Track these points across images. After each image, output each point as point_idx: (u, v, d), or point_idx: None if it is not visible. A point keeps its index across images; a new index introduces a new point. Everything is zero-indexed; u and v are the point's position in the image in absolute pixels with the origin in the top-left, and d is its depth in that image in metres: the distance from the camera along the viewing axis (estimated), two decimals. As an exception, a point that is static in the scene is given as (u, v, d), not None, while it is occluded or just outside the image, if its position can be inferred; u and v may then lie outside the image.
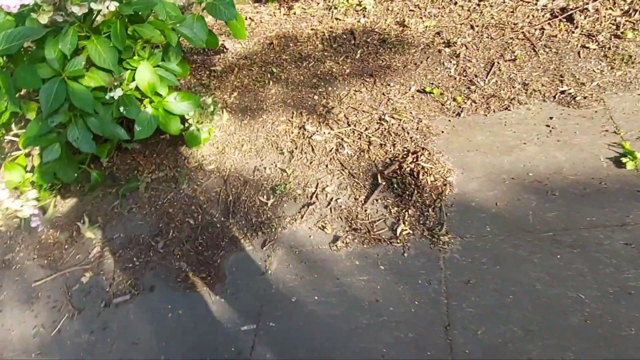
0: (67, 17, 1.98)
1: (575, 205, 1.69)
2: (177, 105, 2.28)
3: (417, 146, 2.10)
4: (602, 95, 1.96)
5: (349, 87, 2.51)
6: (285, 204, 2.13)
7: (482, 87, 2.18)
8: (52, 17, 1.94)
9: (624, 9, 2.16)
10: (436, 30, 2.54)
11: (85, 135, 2.09)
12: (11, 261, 2.35)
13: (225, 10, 2.39)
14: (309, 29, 3.01)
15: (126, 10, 1.99)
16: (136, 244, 2.21)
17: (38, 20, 2.01)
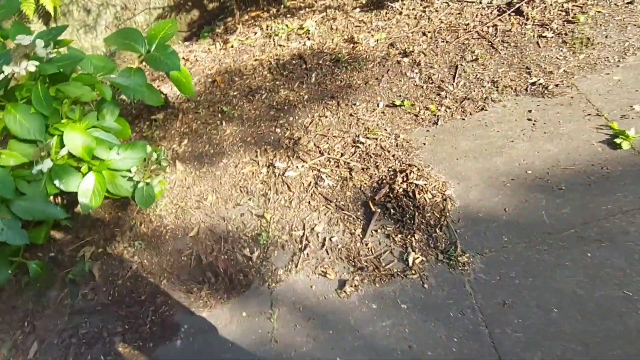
0: (-31, 85, 1.62)
1: (586, 196, 1.60)
2: (124, 159, 1.96)
3: (403, 164, 1.95)
4: (573, 81, 1.94)
5: (312, 114, 2.32)
6: (273, 254, 1.86)
7: (452, 92, 2.10)
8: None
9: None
10: (388, 42, 2.45)
11: (12, 225, 1.70)
12: None
13: (167, 61, 2.13)
14: (252, 60, 2.81)
15: (49, 70, 1.67)
16: (97, 341, 1.81)
17: None
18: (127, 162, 1.95)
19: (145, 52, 2.20)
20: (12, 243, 1.68)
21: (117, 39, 2.21)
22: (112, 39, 2.21)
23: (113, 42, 2.21)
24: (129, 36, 2.21)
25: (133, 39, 2.20)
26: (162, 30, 2.30)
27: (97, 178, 1.89)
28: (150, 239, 2.12)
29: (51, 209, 1.74)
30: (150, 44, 2.21)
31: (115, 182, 1.96)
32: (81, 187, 1.85)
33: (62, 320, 1.98)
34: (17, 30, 1.88)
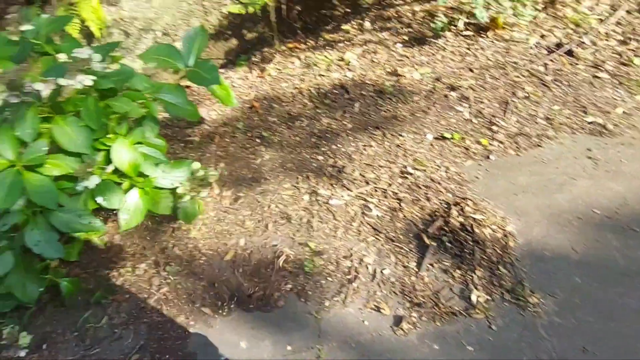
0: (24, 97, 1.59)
1: (661, 238, 1.53)
2: (167, 177, 1.89)
3: (456, 197, 1.88)
4: (632, 121, 1.91)
5: (356, 143, 2.28)
6: (318, 284, 1.75)
7: (504, 127, 2.06)
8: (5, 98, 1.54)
9: (619, 39, 2.22)
10: (434, 76, 2.45)
11: (49, 238, 1.61)
12: None
13: (208, 76, 2.11)
14: (292, 88, 2.81)
15: (104, 84, 1.65)
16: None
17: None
18: (172, 181, 1.90)
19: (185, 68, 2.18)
20: (47, 256, 1.59)
21: (154, 55, 2.17)
22: (148, 56, 2.15)
23: (150, 59, 2.17)
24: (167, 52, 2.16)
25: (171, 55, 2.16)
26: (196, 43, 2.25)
27: (141, 195, 1.83)
28: (183, 261, 2.02)
29: (90, 222, 1.65)
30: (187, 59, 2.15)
31: (156, 199, 1.89)
32: (125, 203, 1.78)
33: (84, 345, 1.84)
34: (71, 44, 1.88)
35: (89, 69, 1.60)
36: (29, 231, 1.59)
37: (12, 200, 1.47)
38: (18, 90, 1.54)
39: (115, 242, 2.18)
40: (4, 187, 1.47)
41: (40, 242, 1.59)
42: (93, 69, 1.61)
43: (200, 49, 2.12)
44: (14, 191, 1.49)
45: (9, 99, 1.54)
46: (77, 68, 1.56)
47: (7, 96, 1.52)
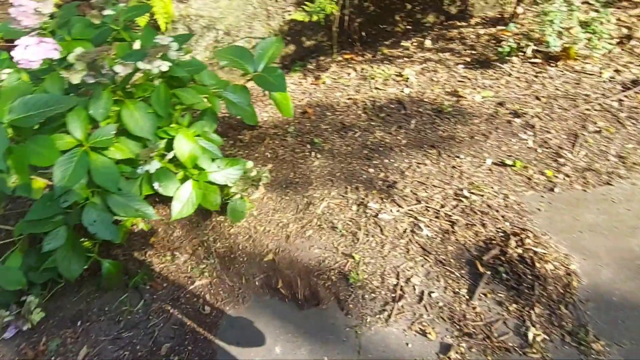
0: (101, 77, 1.63)
1: None
2: (222, 173, 1.89)
3: (515, 227, 1.78)
4: None
5: (410, 159, 2.22)
6: (361, 298, 1.69)
7: (572, 160, 1.96)
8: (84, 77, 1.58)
9: None
10: (496, 100, 2.37)
11: (105, 219, 1.63)
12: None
13: (275, 82, 2.13)
14: (346, 98, 2.79)
15: (179, 73, 1.67)
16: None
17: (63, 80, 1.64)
18: (224, 177, 1.90)
19: (253, 72, 2.22)
20: (101, 237, 1.60)
21: (227, 55, 2.24)
22: (223, 54, 2.24)
23: (224, 57, 2.24)
24: (240, 54, 2.24)
25: (243, 58, 2.23)
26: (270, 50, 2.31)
27: (194, 187, 1.83)
28: (223, 257, 2.00)
29: (147, 209, 1.66)
30: (258, 64, 2.22)
31: (208, 194, 1.89)
32: (179, 193, 1.79)
33: (117, 327, 1.84)
34: (149, 34, 1.93)
35: (166, 56, 1.62)
36: (87, 210, 1.62)
37: (77, 179, 1.49)
38: (96, 70, 1.58)
39: (159, 230, 2.20)
40: (71, 166, 1.50)
41: (96, 222, 1.61)
42: (169, 57, 1.64)
43: (272, 58, 2.17)
44: (80, 171, 1.51)
45: (86, 78, 1.58)
46: (156, 54, 1.59)
47: (85, 75, 1.56)
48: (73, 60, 1.56)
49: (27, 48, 1.51)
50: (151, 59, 1.63)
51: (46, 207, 1.57)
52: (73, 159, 1.53)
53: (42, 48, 1.57)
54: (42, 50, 1.55)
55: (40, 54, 1.56)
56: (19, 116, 1.38)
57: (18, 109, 1.38)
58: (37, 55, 1.52)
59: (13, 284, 1.54)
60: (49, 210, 1.57)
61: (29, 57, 1.50)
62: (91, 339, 1.82)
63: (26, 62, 1.50)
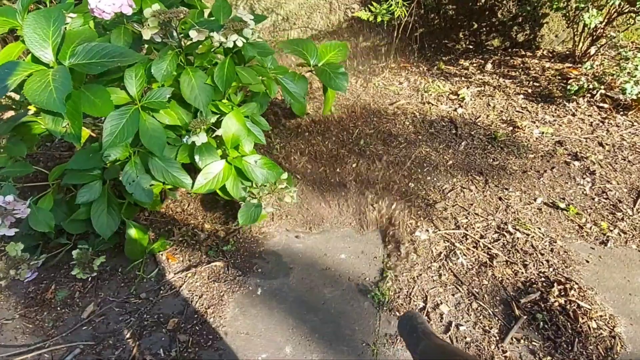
0: (171, 39, 1.58)
1: None
2: (255, 170, 1.82)
3: (560, 274, 1.66)
4: None
5: (454, 182, 2.11)
6: (382, 314, 1.59)
7: (631, 217, 1.82)
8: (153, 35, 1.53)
9: None
10: (556, 138, 2.25)
11: (143, 180, 1.58)
12: (-22, 325, 1.67)
13: (337, 80, 2.08)
14: (395, 106, 2.70)
15: (250, 51, 1.61)
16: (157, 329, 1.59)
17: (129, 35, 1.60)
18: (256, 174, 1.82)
19: (313, 65, 2.15)
20: (137, 197, 1.55)
21: (291, 45, 2.19)
22: (287, 44, 2.20)
23: (287, 47, 2.19)
24: (304, 46, 2.18)
25: (307, 49, 2.17)
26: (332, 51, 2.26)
27: (226, 168, 1.77)
28: (242, 245, 1.94)
29: (184, 178, 1.61)
30: (319, 60, 2.17)
31: (233, 181, 1.82)
32: (207, 167, 1.72)
33: (127, 291, 1.79)
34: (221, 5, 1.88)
35: (241, 32, 1.57)
36: (128, 169, 1.57)
37: (126, 137, 1.44)
38: (168, 31, 1.54)
39: (185, 204, 2.15)
40: (122, 122, 1.45)
41: (134, 182, 1.56)
42: (244, 34, 1.58)
43: (334, 57, 2.13)
44: (129, 129, 1.46)
45: (155, 36, 1.53)
46: (234, 27, 1.54)
47: (155, 33, 1.52)
48: (148, 16, 1.51)
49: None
50: (228, 32, 1.58)
51: (88, 158, 1.53)
52: (125, 116, 1.49)
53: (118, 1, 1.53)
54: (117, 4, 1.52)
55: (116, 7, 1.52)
56: (81, 62, 1.33)
57: (81, 54, 1.33)
58: (111, 8, 1.48)
59: (42, 225, 1.50)
60: (90, 162, 1.53)
61: (103, 8, 1.46)
62: (99, 297, 1.78)
63: (99, 11, 1.46)
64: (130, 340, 1.59)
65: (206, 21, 1.66)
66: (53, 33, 1.38)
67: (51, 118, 1.32)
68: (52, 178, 1.65)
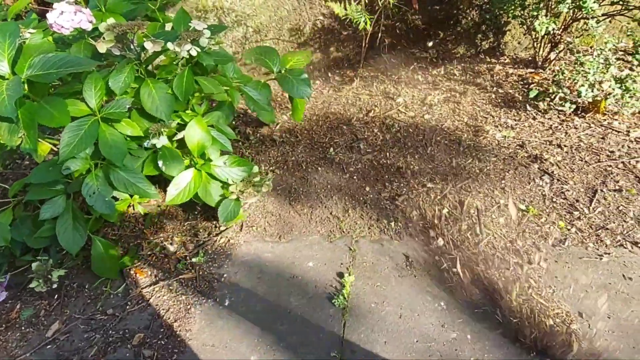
0: (128, 51, 1.60)
1: None
2: (226, 170, 1.84)
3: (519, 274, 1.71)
4: None
5: (419, 187, 2.16)
6: (348, 322, 1.61)
7: (588, 216, 1.89)
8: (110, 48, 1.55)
9: None
10: (517, 142, 2.31)
11: (104, 192, 1.58)
12: None
13: (299, 86, 2.12)
14: (364, 114, 2.75)
15: (206, 60, 1.64)
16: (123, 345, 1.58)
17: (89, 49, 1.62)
18: (228, 174, 1.85)
19: (277, 73, 2.19)
20: (97, 209, 1.55)
21: (255, 54, 2.23)
22: (250, 53, 2.23)
23: (250, 55, 2.23)
24: (267, 54, 2.22)
25: (269, 57, 2.21)
26: (295, 58, 2.30)
27: (195, 176, 1.79)
28: (211, 255, 1.94)
29: (147, 187, 1.62)
30: (282, 67, 2.21)
31: (207, 187, 1.84)
32: (177, 178, 1.74)
33: (93, 308, 1.78)
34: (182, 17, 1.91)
35: (197, 42, 1.59)
36: (88, 181, 1.57)
37: (83, 147, 1.45)
38: (124, 44, 1.55)
39: (153, 216, 2.14)
40: (79, 133, 1.46)
41: (94, 194, 1.56)
42: (200, 43, 1.61)
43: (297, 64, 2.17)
44: (87, 140, 1.48)
45: (113, 50, 1.55)
46: (188, 38, 1.56)
47: (112, 47, 1.53)
48: (103, 30, 1.53)
49: (62, 14, 1.49)
50: (182, 42, 1.60)
51: (47, 172, 1.53)
52: (83, 127, 1.50)
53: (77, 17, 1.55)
54: (76, 19, 1.53)
55: (74, 22, 1.53)
56: (38, 72, 1.35)
57: (38, 66, 1.35)
58: (70, 23, 1.49)
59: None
60: (49, 175, 1.53)
61: (62, 23, 1.47)
62: (65, 315, 1.76)
63: (58, 27, 1.47)
64: (95, 358, 1.57)
65: (165, 33, 1.69)
66: (8, 47, 1.40)
67: (7, 128, 1.33)
68: (12, 193, 1.64)
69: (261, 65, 2.23)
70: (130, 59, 1.61)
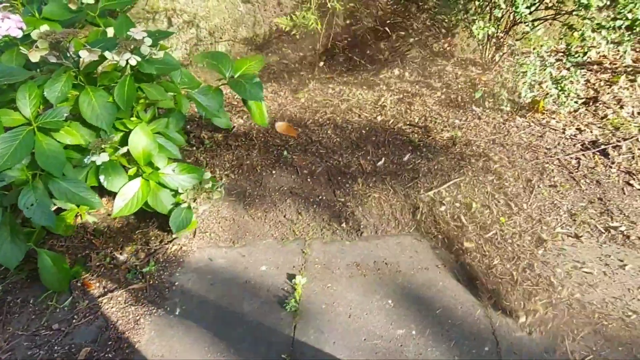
0: (64, 60, 1.55)
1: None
2: (175, 178, 1.83)
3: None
4: (658, 239, 1.84)
5: (373, 188, 2.21)
6: (299, 325, 1.64)
7: (525, 210, 1.99)
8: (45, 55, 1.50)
9: (657, 153, 2.19)
10: (463, 141, 2.41)
11: (43, 203, 1.53)
12: None
13: (251, 90, 2.10)
14: (319, 116, 2.78)
15: (147, 69, 1.61)
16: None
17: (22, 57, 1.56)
18: (178, 182, 1.83)
19: (229, 77, 2.18)
20: (36, 222, 1.51)
21: (206, 58, 2.20)
22: (201, 57, 2.21)
23: (201, 60, 2.20)
24: (218, 58, 2.20)
25: (221, 62, 2.19)
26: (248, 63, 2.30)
27: (143, 185, 1.76)
28: (162, 265, 1.92)
29: (91, 197, 1.58)
30: (235, 72, 2.19)
31: (157, 195, 1.82)
32: (123, 189, 1.71)
33: (38, 324, 1.72)
34: (123, 22, 1.87)
35: (137, 49, 1.56)
36: (25, 193, 1.52)
37: (18, 159, 1.41)
38: (60, 52, 1.51)
39: (103, 226, 2.10)
40: (13, 144, 1.41)
41: (33, 206, 1.51)
42: (141, 51, 1.58)
43: (251, 67, 2.15)
44: (22, 150, 1.43)
45: (48, 57, 1.50)
46: (126, 46, 1.53)
47: (47, 54, 1.49)
48: (36, 37, 1.48)
49: (-10, 21, 1.43)
50: (121, 51, 1.57)
51: (-22, 185, 1.46)
52: (17, 137, 1.45)
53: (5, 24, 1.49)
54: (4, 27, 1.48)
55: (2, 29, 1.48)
56: (-30, 81, 1.29)
57: (-30, 74, 1.29)
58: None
59: None
60: (-20, 188, 1.46)
61: (-11, 30, 1.42)
62: (7, 332, 1.70)
63: (-15, 34, 1.42)
64: (38, 375, 1.53)
65: (104, 40, 1.65)
66: None
67: None
68: (-58, 209, 1.56)
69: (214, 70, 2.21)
70: (68, 67, 1.57)
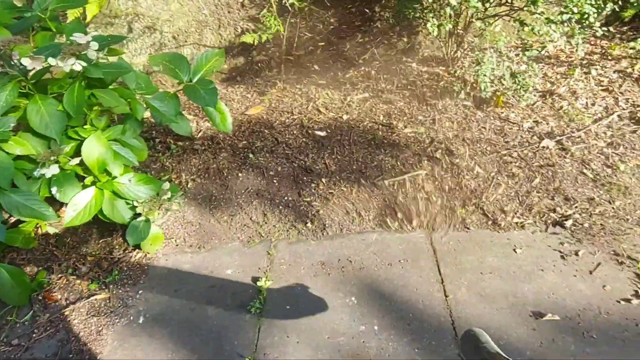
0: (9, 68, 1.52)
1: (619, 352, 1.47)
2: (132, 188, 1.81)
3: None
4: (607, 225, 1.91)
5: (338, 186, 2.23)
6: (263, 327, 1.65)
7: (486, 203, 2.04)
8: (-13, 66, 1.47)
9: (608, 141, 2.26)
10: (427, 137, 2.45)
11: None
12: None
13: (206, 96, 2.07)
14: (285, 117, 2.79)
15: (93, 73, 1.59)
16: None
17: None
18: (135, 193, 1.81)
19: (187, 82, 2.15)
20: (-16, 238, 1.47)
21: (162, 60, 2.16)
22: (157, 60, 2.16)
23: (157, 63, 2.16)
24: (175, 61, 2.16)
25: (178, 65, 2.15)
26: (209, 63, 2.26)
27: (97, 195, 1.74)
28: (125, 275, 1.90)
29: (44, 209, 1.55)
30: (194, 75, 2.15)
31: (114, 204, 1.80)
32: (75, 198, 1.68)
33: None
34: (75, 28, 1.83)
35: (84, 55, 1.54)
36: (-31, 206, 1.48)
37: (-40, 171, 1.37)
38: (4, 60, 1.47)
39: (64, 237, 2.06)
40: (-45, 156, 1.38)
41: (-21, 219, 1.47)
42: (88, 56, 1.55)
43: (210, 71, 2.10)
44: (-35, 162, 1.39)
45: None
46: (72, 51, 1.51)
47: (-11, 64, 1.45)
48: (-24, 48, 1.45)
49: None
50: (65, 57, 1.54)
51: None
52: (-40, 151, 1.41)
53: (-60, 30, 1.44)
54: (-61, 33, 1.43)
55: (-63, 36, 1.43)
56: None
57: None
58: None
59: None
60: None
61: None
62: (-35, 350, 1.66)
63: None
64: (-4, 393, 1.50)
65: (48, 47, 1.61)
66: None
67: None
68: None
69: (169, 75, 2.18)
70: (14, 76, 1.53)
